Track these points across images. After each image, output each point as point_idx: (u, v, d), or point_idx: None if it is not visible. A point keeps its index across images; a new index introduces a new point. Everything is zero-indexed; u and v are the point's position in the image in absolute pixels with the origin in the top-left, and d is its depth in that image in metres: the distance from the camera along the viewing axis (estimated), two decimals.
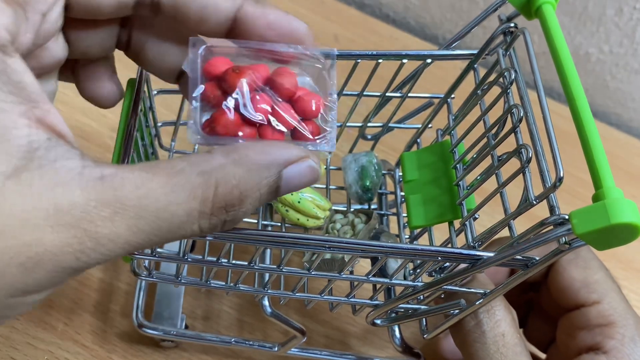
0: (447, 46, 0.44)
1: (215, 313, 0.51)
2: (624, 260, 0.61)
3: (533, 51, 0.38)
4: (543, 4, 0.39)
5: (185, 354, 0.49)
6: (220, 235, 0.34)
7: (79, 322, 0.49)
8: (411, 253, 0.35)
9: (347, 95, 0.46)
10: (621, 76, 0.71)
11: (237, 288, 0.41)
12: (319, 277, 0.38)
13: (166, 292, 0.48)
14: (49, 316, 0.49)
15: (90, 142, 0.58)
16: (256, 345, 0.47)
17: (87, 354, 0.48)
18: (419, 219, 0.42)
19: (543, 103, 0.35)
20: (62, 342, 0.48)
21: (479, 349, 0.38)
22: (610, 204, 0.30)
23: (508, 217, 0.36)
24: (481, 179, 0.39)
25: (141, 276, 0.40)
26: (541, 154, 0.35)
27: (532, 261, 0.35)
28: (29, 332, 0.48)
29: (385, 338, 0.52)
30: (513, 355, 0.37)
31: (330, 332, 0.52)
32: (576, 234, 0.30)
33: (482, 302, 0.38)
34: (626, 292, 0.58)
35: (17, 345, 0.47)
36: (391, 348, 0.46)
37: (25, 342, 0.47)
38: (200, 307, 0.51)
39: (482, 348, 0.38)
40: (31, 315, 0.48)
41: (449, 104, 0.45)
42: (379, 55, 0.43)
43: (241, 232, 0.33)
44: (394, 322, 0.41)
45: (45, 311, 0.49)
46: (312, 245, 0.34)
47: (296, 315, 0.52)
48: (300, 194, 0.43)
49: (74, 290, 0.50)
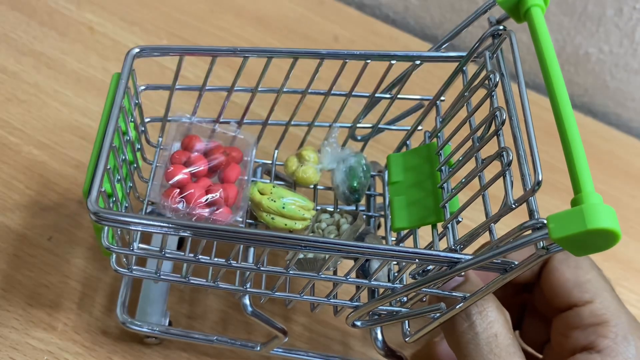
0: (437, 48, 0.44)
1: (200, 310, 0.51)
2: (624, 260, 0.60)
3: (518, 54, 0.38)
4: (532, 6, 0.38)
5: (169, 351, 0.49)
6: (196, 231, 0.34)
7: (79, 322, 0.49)
8: (389, 255, 0.35)
9: (336, 95, 0.46)
10: (621, 76, 0.71)
11: (217, 286, 0.40)
12: (298, 276, 0.38)
13: (151, 288, 0.48)
14: (49, 316, 0.49)
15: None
16: (238, 344, 0.46)
17: (87, 354, 0.48)
18: (402, 221, 0.41)
19: (525, 106, 0.35)
20: (62, 343, 0.48)
21: (473, 350, 0.38)
22: (587, 209, 0.29)
23: (489, 220, 0.36)
24: (464, 182, 0.39)
25: (120, 271, 0.40)
26: (523, 157, 0.34)
27: (511, 265, 0.35)
28: (28, 332, 0.48)
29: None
30: (506, 355, 0.37)
31: (332, 332, 0.52)
32: (552, 239, 0.30)
33: (462, 306, 0.37)
34: (626, 292, 0.58)
35: (16, 346, 0.47)
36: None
37: (25, 342, 0.47)
38: (186, 303, 0.51)
39: (475, 349, 0.38)
40: (31, 315, 0.48)
41: (438, 106, 0.45)
42: (367, 55, 0.43)
43: (216, 230, 0.33)
44: (374, 324, 0.41)
45: (45, 311, 0.49)
46: (289, 244, 0.34)
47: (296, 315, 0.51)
48: (282, 199, 0.43)
49: (74, 290, 0.50)
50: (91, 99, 0.60)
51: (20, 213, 0.53)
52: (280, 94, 0.45)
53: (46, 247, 0.52)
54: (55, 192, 0.54)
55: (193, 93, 0.45)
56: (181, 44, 0.65)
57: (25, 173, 0.55)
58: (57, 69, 0.62)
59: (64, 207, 0.54)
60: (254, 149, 0.46)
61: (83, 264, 0.51)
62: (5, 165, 0.55)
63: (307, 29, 0.70)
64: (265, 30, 0.69)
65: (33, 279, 0.50)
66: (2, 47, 0.63)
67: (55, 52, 0.63)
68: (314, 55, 0.43)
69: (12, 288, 0.49)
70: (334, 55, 0.43)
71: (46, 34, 0.64)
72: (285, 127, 0.47)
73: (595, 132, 0.70)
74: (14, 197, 0.54)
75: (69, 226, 0.53)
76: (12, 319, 0.48)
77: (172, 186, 0.41)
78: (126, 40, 0.65)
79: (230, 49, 0.42)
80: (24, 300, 0.49)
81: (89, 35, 0.65)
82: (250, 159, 0.46)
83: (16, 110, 0.59)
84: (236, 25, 0.68)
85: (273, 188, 0.44)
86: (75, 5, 0.67)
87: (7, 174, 0.55)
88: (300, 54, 0.43)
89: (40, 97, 0.60)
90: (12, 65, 0.62)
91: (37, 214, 0.53)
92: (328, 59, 0.43)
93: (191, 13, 0.69)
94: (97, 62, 0.63)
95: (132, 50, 0.41)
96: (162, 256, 0.38)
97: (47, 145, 0.57)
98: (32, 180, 0.55)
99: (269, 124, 0.47)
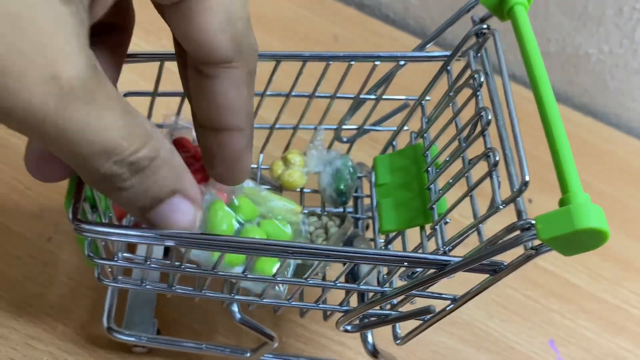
0: (421, 47, 0.44)
1: (189, 314, 0.50)
2: (624, 260, 0.60)
3: (502, 54, 0.38)
4: (515, 5, 0.38)
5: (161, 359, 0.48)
6: (180, 241, 0.33)
7: (79, 323, 0.48)
8: (377, 259, 0.34)
9: (320, 97, 0.45)
10: (621, 76, 0.71)
11: (204, 294, 0.40)
12: (285, 283, 0.38)
13: (138, 296, 0.48)
14: (49, 317, 0.48)
15: None
16: (228, 351, 0.46)
17: (87, 354, 0.47)
18: (390, 223, 0.41)
19: (511, 105, 0.35)
20: (61, 343, 0.47)
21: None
22: (575, 209, 0.29)
23: (477, 221, 0.35)
24: (452, 182, 0.39)
25: (104, 282, 0.39)
26: (510, 158, 0.34)
27: (501, 266, 0.34)
28: (28, 333, 0.47)
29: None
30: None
31: (330, 332, 0.51)
32: (541, 240, 0.30)
33: (452, 308, 0.37)
34: (626, 292, 0.58)
35: (16, 346, 0.47)
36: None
37: (25, 342, 0.47)
38: (174, 308, 0.50)
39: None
40: (31, 315, 0.48)
41: (423, 106, 0.45)
42: (351, 57, 0.43)
43: (201, 238, 0.33)
44: (365, 328, 0.41)
45: (45, 312, 0.48)
46: (275, 252, 0.34)
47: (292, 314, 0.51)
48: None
49: (74, 290, 0.50)
50: None
51: (20, 214, 0.53)
52: (264, 98, 0.44)
53: (46, 248, 0.51)
54: (55, 193, 0.54)
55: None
56: None
57: (25, 174, 0.54)
58: None
59: (64, 207, 0.53)
60: None
61: (83, 265, 0.51)
62: (5, 166, 0.55)
63: (307, 29, 0.70)
64: (265, 30, 0.68)
65: (33, 280, 0.50)
66: None
67: None
68: (296, 58, 0.43)
69: (12, 288, 0.49)
70: (317, 58, 0.43)
71: None
72: (270, 131, 0.47)
73: (595, 132, 0.70)
74: (14, 197, 0.53)
75: (69, 227, 0.52)
76: (12, 320, 0.48)
77: None
78: None
79: None
80: (24, 301, 0.49)
81: None
82: None
83: None
84: None
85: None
86: None
87: (7, 174, 0.55)
88: (283, 57, 0.43)
89: None
90: None
91: (37, 214, 0.53)
92: (311, 61, 0.43)
93: None
94: None
95: None
96: (147, 266, 0.37)
97: None
98: (32, 181, 0.54)
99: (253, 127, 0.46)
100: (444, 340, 0.53)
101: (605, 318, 0.57)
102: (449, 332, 0.54)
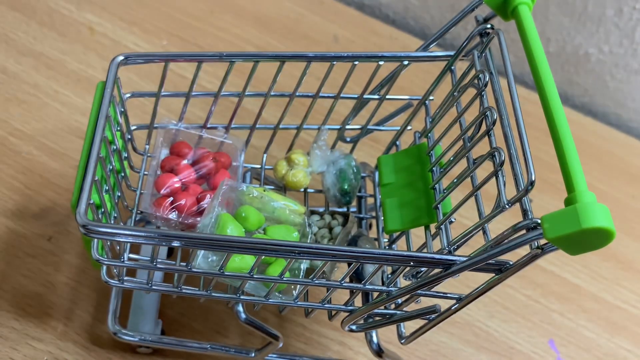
0: (425, 47, 0.44)
1: (194, 313, 0.50)
2: (624, 260, 0.60)
3: (507, 54, 0.38)
4: (519, 4, 0.38)
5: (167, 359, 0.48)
6: (187, 241, 0.33)
7: (79, 323, 0.48)
8: (383, 258, 0.34)
9: (324, 97, 0.45)
10: (621, 76, 0.71)
11: (210, 294, 0.40)
12: (290, 283, 0.38)
13: (143, 297, 0.47)
14: (49, 317, 0.48)
15: None
16: (232, 351, 0.46)
17: (87, 354, 0.47)
18: (395, 223, 0.41)
19: (516, 105, 0.35)
20: (62, 343, 0.47)
21: None
22: (581, 208, 0.29)
23: (482, 221, 0.35)
24: (457, 182, 0.39)
25: (111, 283, 0.39)
26: (515, 157, 0.34)
27: (506, 265, 0.34)
28: (28, 333, 0.47)
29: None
30: None
31: (331, 332, 0.51)
32: (547, 239, 0.30)
33: (458, 307, 0.37)
34: (626, 292, 0.58)
35: (16, 346, 0.47)
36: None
37: (25, 342, 0.47)
38: (178, 308, 0.50)
39: None
40: (31, 315, 0.48)
41: (427, 106, 0.45)
42: (355, 57, 0.43)
43: (207, 239, 0.33)
44: (370, 328, 0.41)
45: (45, 312, 0.48)
46: (282, 252, 0.34)
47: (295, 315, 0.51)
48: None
49: (74, 291, 0.50)
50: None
51: (20, 213, 0.52)
52: (268, 98, 0.44)
53: (46, 248, 0.51)
54: (55, 193, 0.54)
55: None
56: (181, 44, 0.65)
57: (25, 173, 0.55)
58: (57, 69, 0.62)
59: (64, 207, 0.53)
60: (243, 154, 0.46)
61: (83, 265, 0.51)
62: (5, 166, 0.55)
63: (307, 29, 0.70)
64: (265, 30, 0.68)
65: (33, 280, 0.50)
66: (2, 47, 0.62)
67: (55, 52, 0.63)
68: (300, 58, 0.43)
69: (12, 288, 0.49)
70: (321, 58, 0.43)
71: (46, 34, 0.64)
72: (274, 131, 0.47)
73: (595, 132, 0.70)
74: (14, 197, 0.53)
75: (69, 226, 0.53)
76: (12, 319, 0.48)
77: (163, 196, 0.40)
78: (126, 41, 0.64)
79: (216, 54, 0.42)
80: (24, 301, 0.49)
81: (89, 35, 0.64)
82: (239, 164, 0.45)
83: (16, 111, 0.58)
84: (236, 25, 0.68)
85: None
86: (75, 6, 0.66)
87: (7, 174, 0.55)
88: (287, 57, 0.43)
89: (40, 97, 0.60)
90: (12, 65, 0.61)
91: (37, 214, 0.53)
92: (315, 61, 0.43)
93: (191, 13, 0.68)
94: (96, 62, 0.63)
95: (116, 58, 0.40)
96: (153, 267, 0.37)
97: (47, 146, 0.57)
98: (32, 181, 0.54)
99: (257, 128, 0.46)
100: (445, 340, 0.53)
101: (605, 318, 0.57)
102: (449, 332, 0.54)
